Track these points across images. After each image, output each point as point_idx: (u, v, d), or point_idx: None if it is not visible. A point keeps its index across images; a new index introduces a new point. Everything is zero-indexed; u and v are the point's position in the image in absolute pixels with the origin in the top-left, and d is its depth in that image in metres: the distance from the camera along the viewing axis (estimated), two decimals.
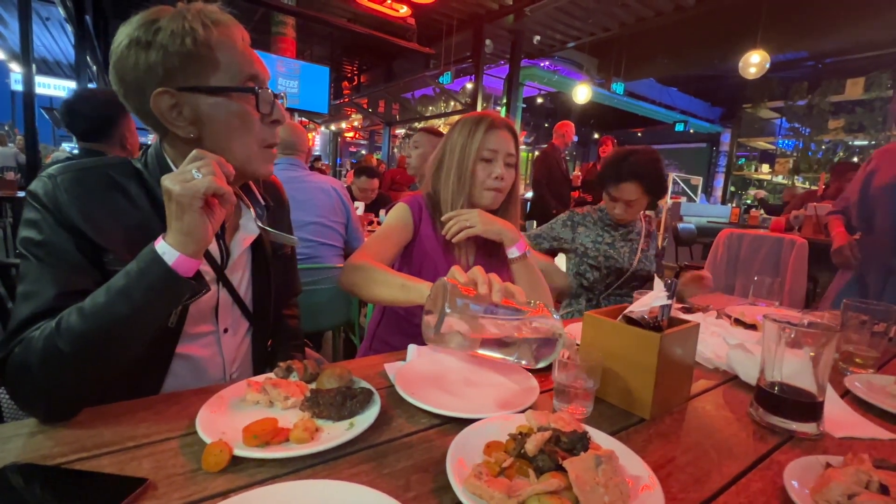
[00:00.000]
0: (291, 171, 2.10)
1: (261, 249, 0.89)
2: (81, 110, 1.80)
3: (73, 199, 0.67)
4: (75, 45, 5.36)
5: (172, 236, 0.61)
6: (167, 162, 0.75)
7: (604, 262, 1.70)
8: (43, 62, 12.19)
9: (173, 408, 0.67)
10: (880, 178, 1.72)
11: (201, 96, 0.70)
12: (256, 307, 0.89)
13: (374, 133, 16.04)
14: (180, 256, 0.61)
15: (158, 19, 0.67)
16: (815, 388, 0.69)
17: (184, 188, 0.60)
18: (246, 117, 0.73)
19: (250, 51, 0.74)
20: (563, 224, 1.78)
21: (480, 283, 0.70)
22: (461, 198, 1.16)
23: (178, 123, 0.70)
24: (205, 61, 0.68)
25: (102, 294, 0.61)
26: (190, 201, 0.60)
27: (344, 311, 2.11)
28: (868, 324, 1.00)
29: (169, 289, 0.62)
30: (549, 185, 4.49)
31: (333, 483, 0.51)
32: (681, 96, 13.10)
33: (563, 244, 1.77)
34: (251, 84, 0.73)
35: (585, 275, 1.75)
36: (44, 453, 0.55)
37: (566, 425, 0.57)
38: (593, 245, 1.72)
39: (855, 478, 0.51)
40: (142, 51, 0.66)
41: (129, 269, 0.61)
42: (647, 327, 0.76)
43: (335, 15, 6.82)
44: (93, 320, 0.59)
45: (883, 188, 1.71)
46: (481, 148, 1.14)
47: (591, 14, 6.43)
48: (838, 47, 7.86)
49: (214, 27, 0.69)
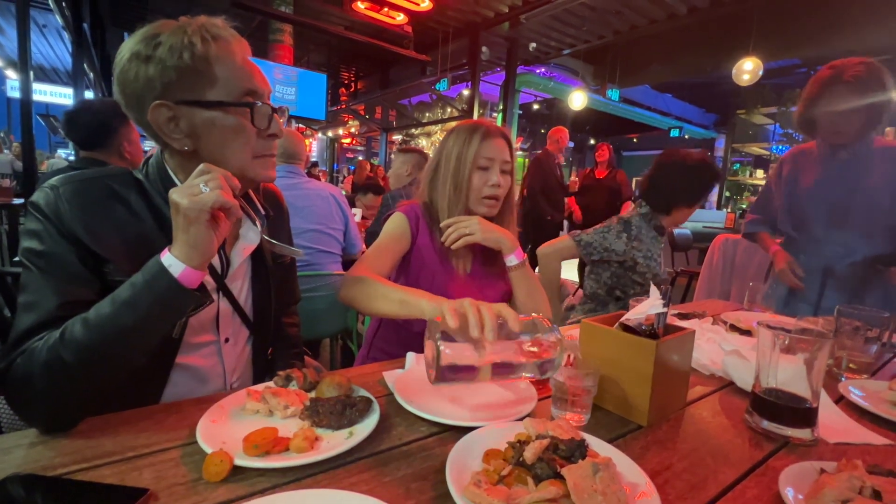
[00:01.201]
0: (290, 179, 2.12)
1: (260, 258, 0.89)
2: (82, 119, 1.83)
3: (74, 209, 0.67)
4: (72, 53, 5.36)
5: (179, 249, 0.62)
6: (169, 173, 0.76)
7: (651, 280, 1.58)
8: (40, 69, 12.18)
9: (173, 417, 0.67)
10: (805, 180, 1.67)
11: (198, 110, 0.71)
12: (257, 316, 0.90)
13: (372, 139, 16.08)
14: (186, 269, 0.62)
15: (160, 33, 0.69)
16: (810, 394, 0.70)
17: (192, 202, 0.61)
18: (241, 131, 0.73)
19: (251, 65, 0.75)
20: (618, 236, 1.64)
21: (472, 327, 0.65)
22: (458, 207, 1.17)
23: (175, 136, 0.71)
24: (202, 76, 0.70)
25: (108, 305, 0.61)
26: (197, 215, 0.61)
27: (342, 319, 2.12)
28: (861, 329, 1.01)
29: (175, 300, 0.63)
30: (543, 190, 4.50)
31: (333, 492, 0.51)
32: (675, 102, 13.21)
33: (611, 256, 1.64)
34: (248, 98, 0.74)
35: (625, 289, 1.64)
36: (44, 464, 0.55)
37: (564, 433, 0.58)
38: (645, 261, 1.61)
39: (848, 484, 0.52)
40: (142, 64, 0.68)
41: (135, 281, 0.62)
42: (643, 335, 0.76)
43: (332, 23, 6.85)
44: (98, 331, 0.60)
45: (808, 194, 1.65)
46: (477, 156, 1.15)
47: (585, 22, 6.50)
48: (829, 54, 7.97)
49: (214, 42, 0.70)
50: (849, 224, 1.59)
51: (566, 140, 4.71)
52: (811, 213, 1.66)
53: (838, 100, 1.48)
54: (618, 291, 1.66)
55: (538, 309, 1.20)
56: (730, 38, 6.29)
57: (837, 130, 1.53)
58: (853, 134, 1.52)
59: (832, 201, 1.60)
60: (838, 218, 1.60)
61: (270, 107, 0.76)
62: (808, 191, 1.65)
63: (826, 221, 1.62)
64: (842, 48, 6.69)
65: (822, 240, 1.65)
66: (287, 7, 6.37)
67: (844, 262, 1.60)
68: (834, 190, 1.60)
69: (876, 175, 1.53)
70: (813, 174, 1.65)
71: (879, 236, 1.55)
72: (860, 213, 1.56)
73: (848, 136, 1.53)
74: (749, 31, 5.48)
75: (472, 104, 7.38)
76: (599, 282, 1.72)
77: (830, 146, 1.60)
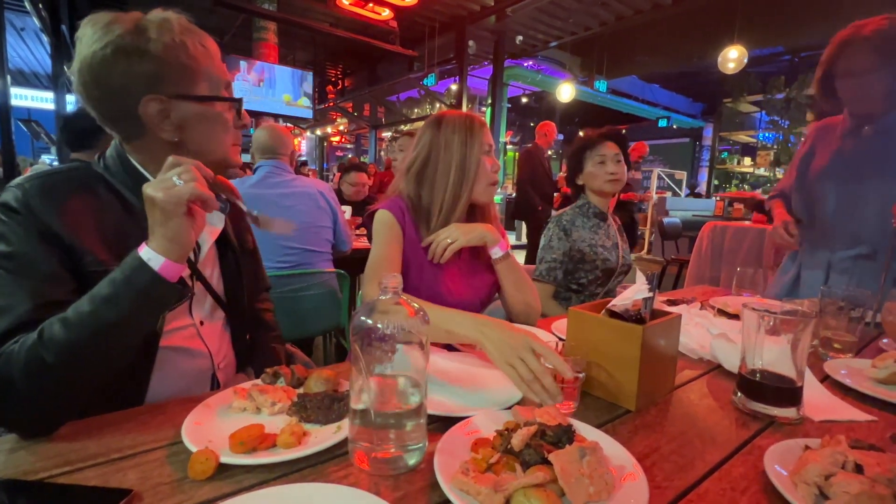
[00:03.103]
0: (275, 177, 2.05)
1: (226, 242, 0.91)
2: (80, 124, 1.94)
3: (46, 203, 0.66)
4: (52, 55, 5.27)
5: (157, 242, 0.62)
6: (134, 165, 0.76)
7: (600, 265, 1.64)
8: (19, 73, 11.95)
9: (158, 418, 0.66)
10: (817, 161, 1.49)
11: (189, 104, 0.75)
12: (230, 299, 0.91)
13: (361, 136, 15.99)
14: (166, 262, 0.62)
15: (146, 28, 0.70)
16: (795, 374, 0.71)
17: (167, 195, 0.61)
18: (225, 122, 0.80)
19: (220, 59, 0.80)
20: (558, 238, 1.65)
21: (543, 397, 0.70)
22: (463, 196, 1.16)
23: (165, 127, 0.74)
24: (193, 72, 0.74)
25: (87, 303, 0.60)
26: (174, 208, 0.61)
27: (334, 316, 2.10)
28: (845, 309, 1.03)
29: (157, 294, 0.63)
30: (532, 183, 4.54)
31: (321, 485, 0.51)
32: (663, 92, 13.29)
33: (565, 257, 1.65)
34: (225, 92, 0.80)
35: (580, 280, 1.67)
36: (26, 469, 0.54)
37: (551, 419, 0.58)
38: (591, 250, 1.65)
39: (831, 458, 0.52)
40: (135, 59, 0.69)
41: (114, 278, 0.61)
42: (629, 320, 0.77)
43: (317, 20, 6.79)
44: (78, 329, 0.59)
45: (819, 174, 1.47)
46: (483, 143, 1.17)
47: (571, 13, 6.51)
48: (812, 42, 8.05)
49: (199, 40, 0.75)
50: (859, 211, 1.39)
51: (554, 134, 4.74)
52: (819, 195, 1.47)
53: (858, 58, 1.27)
54: (573, 284, 1.69)
55: (527, 301, 1.21)
56: (715, 27, 6.34)
57: (858, 96, 1.32)
58: (878, 100, 1.30)
59: (844, 183, 1.40)
60: (848, 203, 1.40)
61: (237, 100, 0.82)
62: (821, 169, 1.46)
63: (834, 206, 1.43)
64: (825, 35, 6.80)
65: (830, 227, 1.46)
66: (270, 4, 6.30)
67: (850, 254, 1.44)
68: (848, 169, 1.40)
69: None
70: (829, 151, 1.45)
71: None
72: (875, 198, 1.35)
73: (872, 102, 1.32)
74: (733, 19, 5.53)
75: (461, 98, 7.37)
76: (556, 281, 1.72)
77: (855, 118, 1.38)
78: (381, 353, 0.55)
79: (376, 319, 0.55)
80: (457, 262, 1.22)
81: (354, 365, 0.56)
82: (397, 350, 0.55)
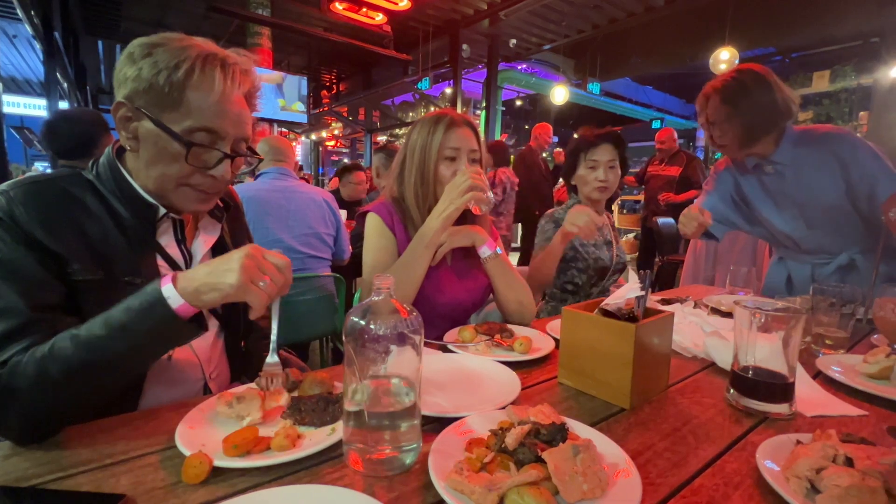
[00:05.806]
0: (283, 181, 2.10)
1: (222, 251, 0.89)
2: (61, 129, 1.82)
3: (30, 211, 0.66)
4: (44, 63, 5.24)
5: (188, 284, 0.62)
6: (123, 174, 0.76)
7: (592, 265, 1.63)
8: (11, 81, 11.89)
9: (151, 423, 0.66)
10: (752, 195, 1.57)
11: (149, 122, 0.71)
12: (225, 308, 0.90)
13: (356, 141, 15.99)
14: (185, 303, 0.62)
15: (160, 45, 0.70)
16: (787, 370, 0.71)
17: (247, 289, 0.63)
18: (175, 159, 0.72)
19: (229, 105, 0.73)
20: (553, 230, 1.61)
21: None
22: (427, 200, 1.15)
23: (123, 133, 0.74)
24: (167, 99, 0.70)
25: (100, 326, 0.60)
26: (242, 296, 0.63)
27: (329, 321, 2.10)
28: (836, 305, 1.04)
29: (170, 332, 0.63)
30: (529, 185, 4.54)
31: (316, 487, 0.51)
32: (656, 94, 13.37)
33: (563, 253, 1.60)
34: (201, 135, 0.72)
35: (574, 280, 1.66)
36: (18, 475, 0.54)
37: (545, 418, 0.58)
38: (582, 248, 1.64)
39: (822, 452, 0.53)
40: (129, 64, 0.70)
41: (131, 306, 0.61)
42: (622, 319, 0.77)
43: (311, 25, 6.80)
44: (88, 352, 0.59)
45: (759, 205, 1.56)
46: (442, 147, 1.13)
47: (564, 17, 6.54)
48: (803, 42, 8.14)
49: (200, 72, 0.70)
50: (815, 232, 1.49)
51: (548, 136, 4.77)
52: (776, 231, 1.57)
53: (713, 109, 1.42)
54: (568, 285, 1.68)
55: (520, 300, 1.21)
56: (706, 29, 6.40)
57: (723, 142, 1.45)
58: (735, 146, 1.44)
59: (782, 210, 1.50)
60: (797, 226, 1.50)
61: (223, 153, 0.74)
62: (759, 201, 1.55)
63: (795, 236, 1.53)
64: (815, 36, 6.84)
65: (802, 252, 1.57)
66: (264, 10, 6.30)
67: (830, 269, 1.52)
68: (783, 205, 1.50)
69: (808, 169, 1.40)
70: (752, 185, 1.55)
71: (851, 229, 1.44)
72: (817, 216, 1.46)
73: (731, 149, 1.46)
74: (725, 21, 5.57)
75: (455, 102, 7.38)
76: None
77: (752, 158, 1.48)
78: (374, 355, 0.55)
79: (370, 321, 0.55)
80: (449, 263, 1.22)
81: (348, 366, 0.56)
82: (391, 351, 0.55)
